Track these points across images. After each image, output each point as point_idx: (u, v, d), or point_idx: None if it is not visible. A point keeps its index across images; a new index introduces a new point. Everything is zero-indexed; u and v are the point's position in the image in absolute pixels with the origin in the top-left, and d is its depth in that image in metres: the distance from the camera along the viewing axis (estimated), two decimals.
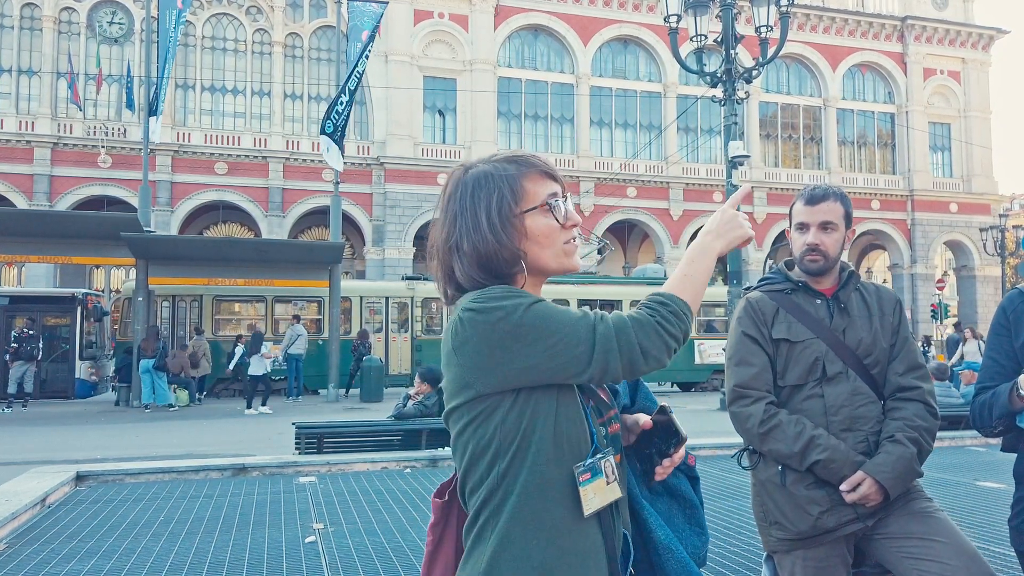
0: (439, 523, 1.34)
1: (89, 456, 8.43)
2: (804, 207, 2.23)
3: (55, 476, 5.87)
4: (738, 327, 2.24)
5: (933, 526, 1.99)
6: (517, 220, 1.28)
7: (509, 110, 33.31)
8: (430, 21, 31.71)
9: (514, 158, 1.33)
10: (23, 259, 18.01)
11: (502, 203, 1.28)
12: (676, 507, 1.45)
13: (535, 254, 1.29)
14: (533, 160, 1.33)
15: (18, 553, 4.23)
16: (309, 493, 5.81)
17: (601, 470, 1.24)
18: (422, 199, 30.63)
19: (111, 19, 29.41)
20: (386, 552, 4.26)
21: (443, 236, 1.32)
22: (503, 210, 1.28)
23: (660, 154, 34.60)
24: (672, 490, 1.45)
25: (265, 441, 9.80)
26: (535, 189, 1.30)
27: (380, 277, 28.20)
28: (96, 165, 27.84)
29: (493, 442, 1.21)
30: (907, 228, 37.13)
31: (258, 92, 30.86)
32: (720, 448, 7.54)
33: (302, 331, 16.68)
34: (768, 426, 2.10)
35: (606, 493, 1.24)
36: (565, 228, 1.31)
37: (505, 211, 1.28)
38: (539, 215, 1.29)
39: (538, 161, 1.33)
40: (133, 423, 12.54)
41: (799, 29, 35.07)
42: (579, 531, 1.22)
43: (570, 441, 1.22)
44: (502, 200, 1.28)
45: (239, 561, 4.08)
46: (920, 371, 2.16)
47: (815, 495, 2.06)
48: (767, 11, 12.94)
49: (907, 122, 37.17)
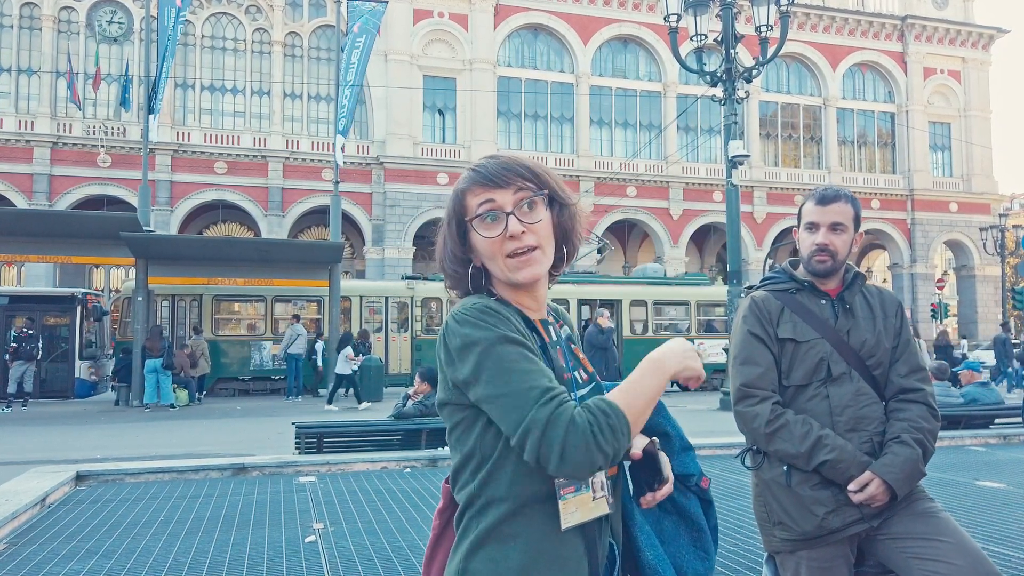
0: (446, 509, 1.35)
1: (89, 456, 8.42)
2: (815, 207, 2.22)
3: (55, 476, 5.87)
4: (743, 326, 2.23)
5: (937, 526, 1.99)
6: (455, 240, 1.31)
7: (509, 109, 33.30)
8: (430, 20, 31.70)
9: (474, 166, 1.32)
10: (23, 259, 18.00)
11: (451, 218, 1.32)
12: (684, 528, 1.42)
13: (487, 265, 1.30)
14: (472, 173, 1.30)
15: (18, 553, 4.22)
16: (309, 493, 5.80)
17: (588, 484, 1.22)
18: (422, 198, 30.63)
19: (110, 18, 29.40)
20: (386, 552, 4.26)
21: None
22: (451, 226, 1.31)
23: (660, 153, 34.60)
24: (682, 510, 1.42)
25: (265, 441, 9.80)
26: (473, 201, 1.28)
27: (380, 277, 28.20)
28: (95, 165, 27.83)
29: (476, 452, 1.24)
30: (907, 228, 37.13)
31: (258, 91, 30.84)
32: (720, 448, 7.54)
33: (302, 331, 16.69)
34: (775, 426, 2.09)
35: (590, 508, 1.22)
36: (506, 239, 1.25)
37: (453, 227, 1.31)
38: (476, 227, 1.27)
39: (476, 173, 1.29)
40: (133, 423, 12.54)
41: (799, 28, 35.07)
42: (560, 539, 1.22)
43: None
44: (451, 215, 1.32)
45: (239, 561, 4.08)
46: (922, 373, 2.17)
47: (820, 495, 2.05)
48: (767, 10, 12.94)
49: (907, 121, 37.17)
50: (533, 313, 1.33)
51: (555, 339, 1.35)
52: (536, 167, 1.31)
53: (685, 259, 33.94)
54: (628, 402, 1.18)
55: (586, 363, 1.40)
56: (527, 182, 1.28)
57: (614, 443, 1.14)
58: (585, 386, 1.34)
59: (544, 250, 1.28)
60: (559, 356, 1.32)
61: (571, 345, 1.40)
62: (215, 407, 15.14)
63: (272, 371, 18.05)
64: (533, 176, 1.29)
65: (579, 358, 1.39)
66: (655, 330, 19.97)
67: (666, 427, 1.41)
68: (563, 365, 1.32)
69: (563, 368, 1.31)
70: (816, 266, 2.20)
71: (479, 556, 1.21)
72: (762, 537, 2.22)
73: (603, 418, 1.14)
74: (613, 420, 1.15)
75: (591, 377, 1.38)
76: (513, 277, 1.27)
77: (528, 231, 1.26)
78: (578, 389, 1.32)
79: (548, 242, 1.29)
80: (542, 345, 1.29)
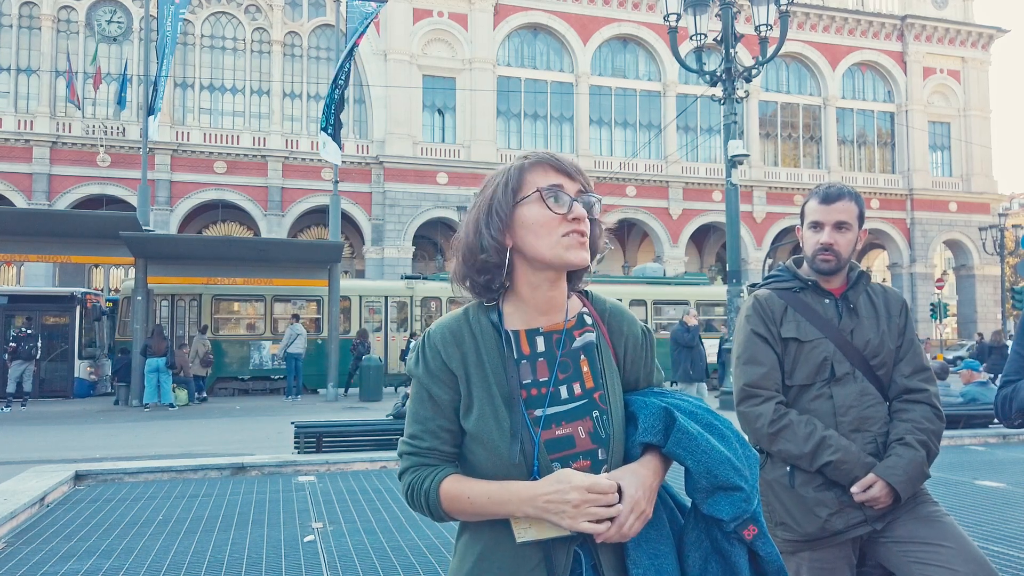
0: None
1: (88, 455, 8.42)
2: (819, 206, 2.19)
3: (54, 475, 5.86)
4: (747, 325, 2.21)
5: (941, 531, 1.97)
6: (505, 211, 1.26)
7: (508, 109, 33.29)
8: (429, 20, 31.68)
9: (531, 153, 1.31)
10: (22, 258, 17.99)
11: (495, 195, 1.28)
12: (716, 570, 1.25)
13: (530, 244, 1.25)
14: (546, 156, 1.29)
15: (17, 552, 4.22)
16: (308, 492, 5.79)
17: None
18: (421, 198, 30.61)
19: (110, 18, 29.38)
20: (385, 551, 4.25)
21: None
22: (494, 202, 1.27)
23: (659, 153, 34.60)
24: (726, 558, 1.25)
25: (264, 440, 9.79)
26: (534, 179, 1.26)
27: (379, 276, 28.18)
28: (95, 164, 27.81)
29: None
30: (906, 227, 37.14)
31: (257, 91, 30.83)
32: None
33: (301, 330, 16.68)
34: (778, 426, 2.08)
35: (546, 529, 1.18)
36: (566, 220, 1.23)
37: (496, 202, 1.27)
38: (532, 204, 1.25)
39: (550, 157, 1.28)
40: (132, 422, 12.53)
41: (799, 28, 35.07)
42: (514, 548, 1.21)
43: (508, 467, 1.20)
44: (496, 192, 1.28)
45: (238, 560, 4.07)
46: (926, 373, 2.15)
47: (824, 497, 2.04)
48: (767, 10, 12.92)
49: (907, 121, 37.18)
50: (528, 323, 1.29)
51: (539, 351, 1.27)
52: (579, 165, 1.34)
53: (684, 259, 33.94)
54: (454, 497, 1.22)
55: (588, 377, 1.28)
56: (588, 187, 1.30)
57: (426, 514, 1.26)
58: (570, 402, 1.25)
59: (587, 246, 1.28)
60: (528, 371, 1.26)
61: (581, 355, 1.29)
62: (214, 407, 15.14)
63: (271, 371, 18.05)
64: (591, 187, 1.31)
65: (581, 371, 1.28)
66: (655, 330, 19.95)
67: (685, 461, 1.22)
68: (530, 380, 1.25)
69: (522, 384, 1.25)
70: (821, 265, 2.18)
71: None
72: None
73: (419, 495, 1.24)
74: (422, 502, 1.24)
75: (586, 392, 1.26)
76: (565, 256, 1.23)
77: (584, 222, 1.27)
78: (552, 406, 1.24)
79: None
80: (507, 358, 1.25)
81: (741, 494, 1.21)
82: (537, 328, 1.29)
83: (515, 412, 1.21)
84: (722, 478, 1.21)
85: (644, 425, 1.24)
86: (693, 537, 1.26)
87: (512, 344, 1.27)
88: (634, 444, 1.25)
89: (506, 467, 1.20)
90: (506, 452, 1.19)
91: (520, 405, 1.22)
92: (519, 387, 1.24)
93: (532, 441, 1.20)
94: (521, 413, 1.21)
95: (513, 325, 1.29)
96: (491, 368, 1.25)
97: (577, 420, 1.23)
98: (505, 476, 1.20)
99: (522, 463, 1.19)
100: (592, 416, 1.24)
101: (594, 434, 1.23)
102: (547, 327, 1.29)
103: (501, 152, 31.97)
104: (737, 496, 1.21)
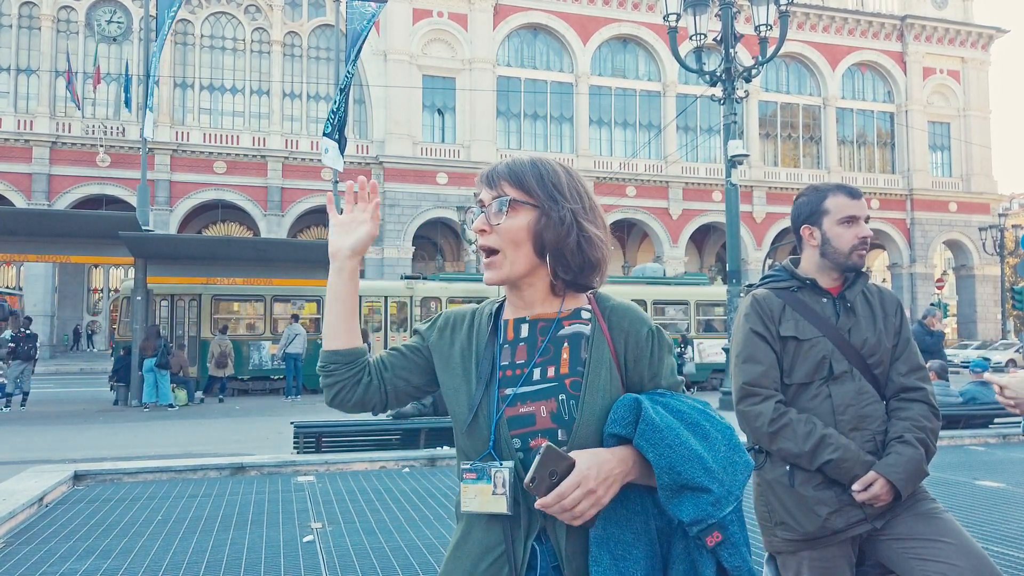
0: None
1: (87, 455, 8.41)
2: (851, 201, 2.21)
3: (52, 475, 5.85)
4: (745, 324, 2.21)
5: (940, 527, 1.98)
6: None
7: (508, 109, 33.30)
8: (429, 20, 31.69)
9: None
10: (22, 258, 17.95)
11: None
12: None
13: None
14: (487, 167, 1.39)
15: (15, 552, 4.21)
16: (307, 492, 5.79)
17: (490, 477, 1.22)
18: (421, 198, 30.62)
19: (110, 18, 29.39)
20: (384, 551, 4.25)
21: None
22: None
23: (659, 153, 34.61)
24: (695, 564, 1.21)
25: (263, 440, 9.79)
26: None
27: (379, 276, 28.19)
28: (95, 164, 27.82)
29: None
30: (906, 227, 37.15)
31: (257, 91, 30.84)
32: None
33: (300, 330, 16.66)
34: (778, 425, 2.08)
35: (489, 502, 1.21)
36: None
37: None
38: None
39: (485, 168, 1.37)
40: (131, 423, 12.52)
41: (798, 28, 35.08)
42: (486, 526, 1.26)
43: (472, 438, 1.28)
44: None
45: (237, 560, 4.07)
46: (922, 372, 2.17)
47: (823, 496, 2.04)
48: (766, 10, 12.92)
49: (906, 121, 37.19)
50: (516, 314, 1.37)
51: (521, 337, 1.33)
52: (534, 174, 1.30)
53: (684, 259, 33.94)
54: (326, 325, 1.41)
55: (565, 364, 1.28)
56: (514, 187, 1.30)
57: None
58: (539, 383, 1.26)
59: (507, 254, 1.29)
60: (507, 354, 1.32)
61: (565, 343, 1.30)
62: (214, 407, 15.12)
63: (271, 371, 18.04)
64: (519, 182, 1.30)
65: (560, 357, 1.29)
66: None
67: (648, 454, 1.17)
68: (508, 362, 1.31)
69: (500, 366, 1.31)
70: (857, 261, 2.19)
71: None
72: (763, 537, 2.21)
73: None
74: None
75: (558, 377, 1.27)
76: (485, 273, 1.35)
77: (492, 231, 1.30)
78: (523, 386, 1.27)
79: (515, 248, 1.29)
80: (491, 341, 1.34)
81: (708, 496, 1.16)
82: (524, 317, 1.36)
83: (482, 389, 1.29)
84: (686, 476, 1.15)
85: (613, 416, 1.21)
86: (680, 548, 1.23)
87: (501, 331, 1.36)
88: (607, 436, 1.22)
89: (469, 436, 1.28)
90: (464, 423, 1.28)
91: (494, 384, 1.29)
92: (498, 368, 1.31)
93: (490, 416, 1.26)
94: (491, 391, 1.28)
95: (506, 315, 1.39)
96: (477, 350, 1.34)
97: (541, 400, 1.26)
98: (470, 445, 1.29)
99: (483, 435, 1.26)
100: (558, 398, 1.26)
101: (556, 415, 1.25)
102: (533, 316, 1.35)
103: (501, 152, 31.97)
104: (704, 498, 1.16)
